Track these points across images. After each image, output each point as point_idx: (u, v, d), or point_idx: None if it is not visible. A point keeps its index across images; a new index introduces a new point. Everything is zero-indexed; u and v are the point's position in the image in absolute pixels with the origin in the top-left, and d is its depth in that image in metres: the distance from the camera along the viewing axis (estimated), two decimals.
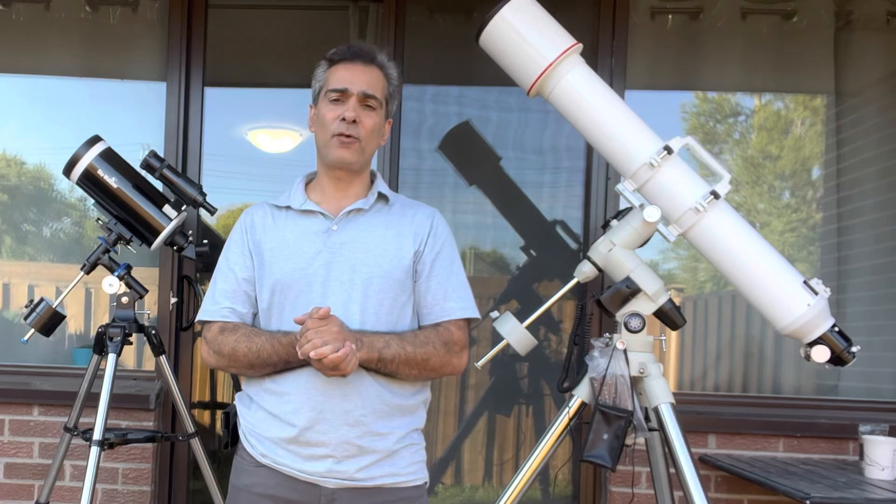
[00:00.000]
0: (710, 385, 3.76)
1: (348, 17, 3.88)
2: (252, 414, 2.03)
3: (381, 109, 2.05)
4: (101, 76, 3.96)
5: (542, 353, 3.80)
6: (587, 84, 2.42)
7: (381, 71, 2.06)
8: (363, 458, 1.95)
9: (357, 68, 2.03)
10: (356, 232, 2.03)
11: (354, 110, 1.99)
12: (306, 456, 1.95)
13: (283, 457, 1.96)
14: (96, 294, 3.86)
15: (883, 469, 2.95)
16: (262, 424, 2.00)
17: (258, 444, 2.00)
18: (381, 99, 2.04)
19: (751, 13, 3.78)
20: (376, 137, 2.06)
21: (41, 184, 3.97)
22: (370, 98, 2.01)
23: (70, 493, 3.43)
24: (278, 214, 2.08)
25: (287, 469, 1.96)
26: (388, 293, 2.00)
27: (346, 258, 1.99)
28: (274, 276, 2.00)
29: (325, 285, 1.98)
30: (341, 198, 2.06)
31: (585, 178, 3.74)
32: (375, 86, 2.03)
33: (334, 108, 2.01)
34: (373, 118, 2.02)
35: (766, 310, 2.41)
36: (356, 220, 2.05)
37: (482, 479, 3.87)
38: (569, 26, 2.44)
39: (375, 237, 2.03)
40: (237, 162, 3.94)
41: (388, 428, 1.98)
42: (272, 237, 2.04)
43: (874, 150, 3.77)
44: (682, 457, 2.34)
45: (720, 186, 2.36)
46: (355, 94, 2.00)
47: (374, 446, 1.96)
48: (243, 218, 2.13)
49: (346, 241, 2.01)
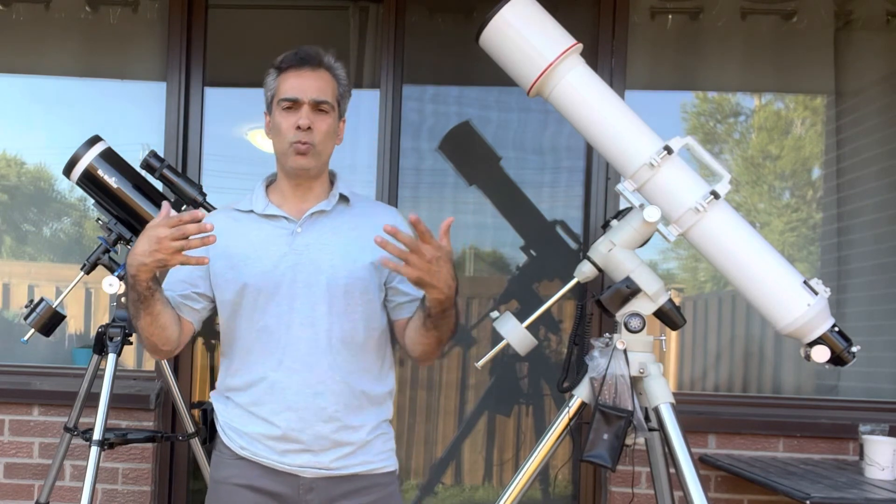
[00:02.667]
0: (710, 385, 3.76)
1: (348, 17, 3.88)
2: (229, 410, 2.08)
3: (333, 112, 2.06)
4: (101, 76, 3.96)
5: (542, 353, 3.79)
6: (587, 84, 2.42)
7: (329, 73, 2.07)
8: (338, 449, 2.02)
9: (305, 74, 2.05)
10: (319, 233, 2.06)
11: (308, 117, 2.01)
12: (283, 451, 2.01)
13: (261, 450, 2.02)
14: (96, 294, 3.86)
15: (883, 469, 2.95)
16: (240, 420, 2.05)
17: (237, 438, 2.05)
18: (333, 102, 2.06)
19: (751, 13, 3.78)
20: (332, 139, 2.08)
21: (41, 184, 3.97)
22: (322, 103, 2.04)
23: (70, 493, 3.43)
24: (241, 218, 2.10)
25: (265, 460, 2.02)
26: (354, 293, 2.03)
27: (311, 259, 2.02)
28: (242, 279, 2.02)
29: (293, 287, 2.01)
30: (302, 201, 2.09)
31: (585, 178, 3.74)
32: (325, 90, 2.05)
33: (288, 117, 2.03)
34: (326, 122, 2.04)
35: (765, 310, 2.41)
36: (319, 221, 2.07)
37: (482, 479, 3.87)
38: (569, 26, 2.44)
39: (339, 238, 2.06)
40: (237, 162, 3.94)
41: (361, 421, 2.05)
42: (238, 241, 2.06)
43: (874, 150, 3.77)
44: (682, 457, 2.34)
45: (720, 186, 2.36)
46: (307, 101, 2.02)
47: (348, 439, 2.03)
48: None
49: (310, 243, 2.04)
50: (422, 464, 3.85)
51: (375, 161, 3.66)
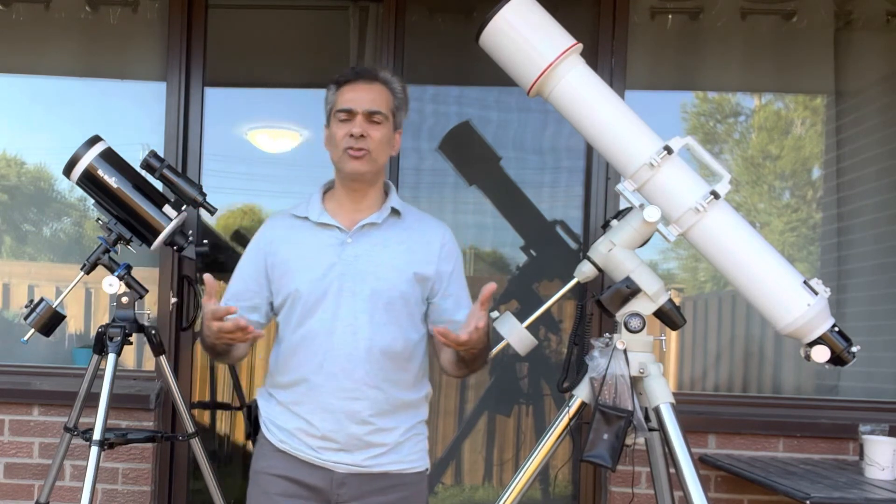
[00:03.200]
0: (710, 385, 3.76)
1: (348, 17, 3.88)
2: (271, 407, 2.22)
3: (387, 122, 2.19)
4: (101, 76, 3.96)
5: (542, 353, 3.80)
6: (587, 84, 2.42)
7: (384, 86, 2.20)
8: (371, 449, 2.14)
9: (360, 88, 2.18)
10: (369, 246, 2.17)
11: (361, 126, 2.13)
12: (318, 447, 2.14)
13: (298, 444, 2.15)
14: (96, 294, 3.86)
15: (883, 469, 2.95)
16: (281, 417, 2.18)
17: (277, 432, 2.18)
18: (387, 112, 2.19)
19: (751, 13, 3.78)
20: (386, 148, 2.20)
21: (41, 184, 3.98)
22: (375, 114, 2.15)
23: (70, 493, 3.43)
24: (296, 225, 2.22)
25: (302, 454, 2.15)
26: (396, 305, 2.15)
27: (358, 271, 2.14)
28: (292, 285, 2.16)
29: (339, 296, 2.13)
30: (356, 210, 2.20)
31: (585, 178, 3.74)
32: (380, 102, 2.17)
33: (343, 127, 2.15)
34: (380, 131, 2.16)
35: (765, 310, 2.40)
36: (370, 233, 2.19)
37: (482, 479, 3.87)
38: (569, 26, 2.44)
39: (387, 252, 2.17)
40: (237, 162, 3.94)
41: (394, 423, 2.17)
42: (291, 248, 2.20)
43: (874, 150, 3.77)
44: (682, 457, 2.33)
45: (720, 186, 2.35)
46: (360, 112, 2.14)
47: (381, 440, 2.15)
48: (264, 231, 2.28)
49: (359, 255, 2.15)
50: None
51: None
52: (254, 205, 4.09)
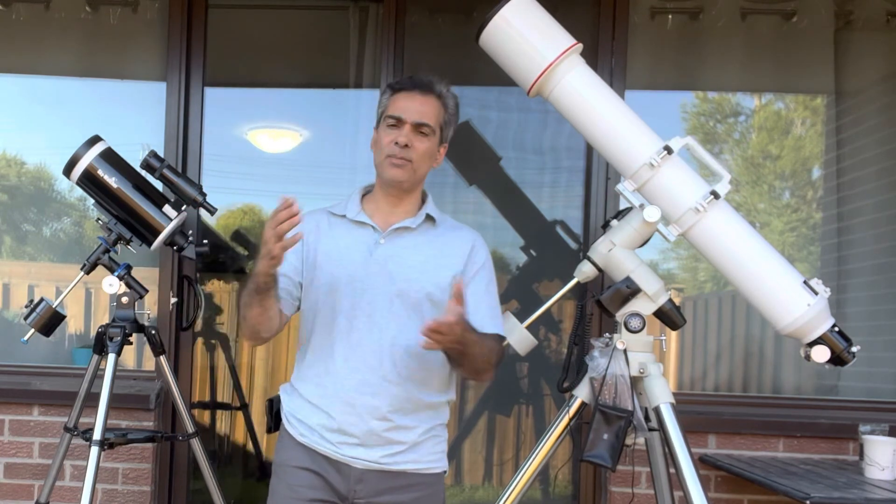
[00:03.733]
0: (710, 385, 3.76)
1: (348, 17, 3.88)
2: (293, 401, 2.24)
3: (434, 136, 2.19)
4: (101, 76, 3.96)
5: (542, 353, 3.79)
6: (587, 84, 2.42)
7: (438, 100, 2.21)
8: (389, 447, 2.16)
9: (415, 98, 2.18)
10: (401, 248, 2.19)
11: (407, 136, 2.15)
12: (338, 442, 2.15)
13: (318, 439, 2.17)
14: (96, 294, 3.86)
15: (883, 469, 2.95)
16: (303, 411, 2.20)
17: (298, 425, 2.21)
18: (435, 126, 2.19)
19: (751, 13, 3.78)
20: (429, 160, 2.21)
21: (41, 184, 3.97)
22: (423, 126, 2.17)
23: (70, 493, 3.43)
24: (334, 221, 2.24)
25: (322, 448, 2.17)
26: (423, 307, 2.15)
27: (387, 271, 2.16)
28: (325, 279, 2.18)
29: (367, 294, 2.16)
30: (391, 213, 2.23)
31: (585, 178, 3.74)
32: (430, 115, 2.18)
33: (390, 133, 2.17)
34: (425, 143, 2.18)
35: (765, 310, 2.41)
36: (403, 237, 2.21)
37: (482, 479, 3.87)
38: (569, 26, 2.45)
39: (418, 255, 2.19)
40: (237, 162, 3.94)
41: (415, 422, 2.19)
42: (327, 241, 2.21)
43: (874, 150, 3.77)
44: (682, 457, 2.34)
45: (720, 186, 2.36)
46: (409, 122, 2.16)
47: (399, 438, 2.16)
48: (307, 220, 2.21)
49: (391, 256, 2.18)
50: None
51: None
52: (254, 205, 4.09)
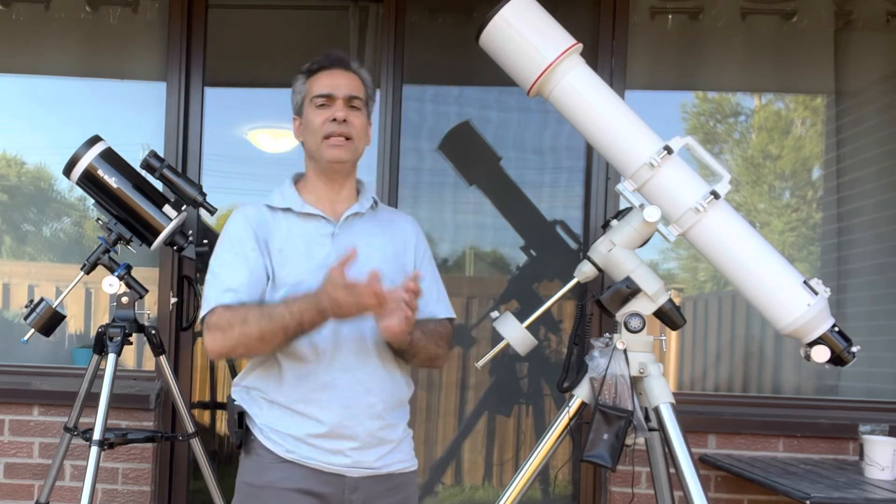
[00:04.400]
0: (710, 385, 3.76)
1: (348, 17, 3.88)
2: (265, 412, 2.08)
3: (364, 110, 2.14)
4: (101, 76, 3.96)
5: (542, 353, 3.79)
6: (587, 84, 2.42)
7: (357, 76, 2.16)
8: (381, 447, 2.09)
9: (338, 74, 2.13)
10: (357, 236, 2.11)
11: (343, 110, 2.08)
12: (332, 450, 2.04)
13: (308, 451, 2.04)
14: (96, 294, 3.86)
15: (883, 469, 2.95)
16: (283, 422, 2.05)
17: (282, 441, 2.05)
18: (364, 100, 2.15)
19: (751, 13, 3.78)
20: (364, 137, 2.15)
21: (41, 184, 3.97)
22: (355, 99, 2.11)
23: (70, 493, 3.43)
24: (278, 216, 2.11)
25: (313, 462, 2.04)
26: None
27: (354, 261, 2.01)
28: (287, 277, 2.05)
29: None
30: (336, 200, 2.14)
31: (585, 178, 3.74)
32: (357, 88, 2.14)
33: (322, 112, 2.09)
34: (360, 118, 2.12)
35: (765, 310, 2.41)
36: (356, 224, 2.14)
37: (482, 479, 3.87)
38: (569, 26, 2.44)
39: (375, 241, 2.13)
40: (237, 162, 3.94)
41: (397, 419, 2.15)
42: (279, 238, 2.08)
43: (874, 150, 3.77)
44: (682, 457, 2.33)
45: (720, 186, 2.36)
46: (341, 97, 2.10)
47: (389, 437, 2.11)
48: (246, 214, 2.12)
49: (350, 245, 2.04)
50: (422, 464, 3.83)
51: (375, 161, 3.66)
52: None
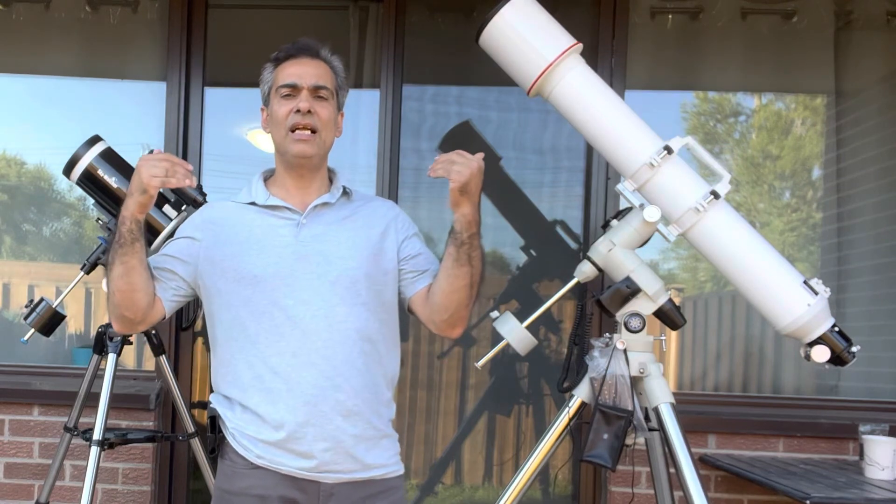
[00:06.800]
0: (710, 385, 3.76)
1: (348, 17, 3.88)
2: (238, 416, 1.99)
3: (333, 100, 2.04)
4: (101, 76, 3.96)
5: (542, 353, 3.79)
6: (587, 84, 2.42)
7: (326, 64, 2.06)
8: (357, 448, 1.96)
9: (304, 62, 2.04)
10: (325, 226, 2.03)
11: (308, 101, 1.99)
12: (302, 453, 1.93)
13: (280, 456, 1.94)
14: (96, 294, 3.86)
15: (883, 469, 2.95)
16: (253, 426, 1.96)
17: (252, 447, 1.96)
18: (332, 90, 2.05)
19: (751, 13, 3.78)
20: (333, 128, 2.06)
21: (41, 184, 3.97)
22: (321, 89, 2.02)
23: (70, 493, 3.43)
24: (243, 209, 2.06)
25: (286, 468, 1.94)
26: (361, 284, 1.99)
27: (318, 251, 1.99)
28: (247, 269, 1.97)
29: (302, 279, 1.96)
30: (304, 194, 2.05)
31: (585, 178, 3.74)
32: (325, 77, 2.04)
33: (287, 103, 2.01)
34: (327, 108, 2.02)
35: (766, 310, 2.41)
36: (324, 214, 2.04)
37: (482, 479, 3.87)
38: (569, 26, 2.44)
39: (345, 231, 2.03)
40: (237, 162, 3.94)
41: (376, 419, 2.01)
42: (241, 230, 2.02)
43: (874, 150, 3.77)
44: (682, 457, 2.34)
45: (720, 186, 2.36)
46: (306, 87, 2.01)
47: (365, 434, 1.98)
48: (202, 214, 2.12)
49: (316, 235, 2.01)
50: (422, 464, 3.85)
51: (375, 161, 3.66)
52: None
